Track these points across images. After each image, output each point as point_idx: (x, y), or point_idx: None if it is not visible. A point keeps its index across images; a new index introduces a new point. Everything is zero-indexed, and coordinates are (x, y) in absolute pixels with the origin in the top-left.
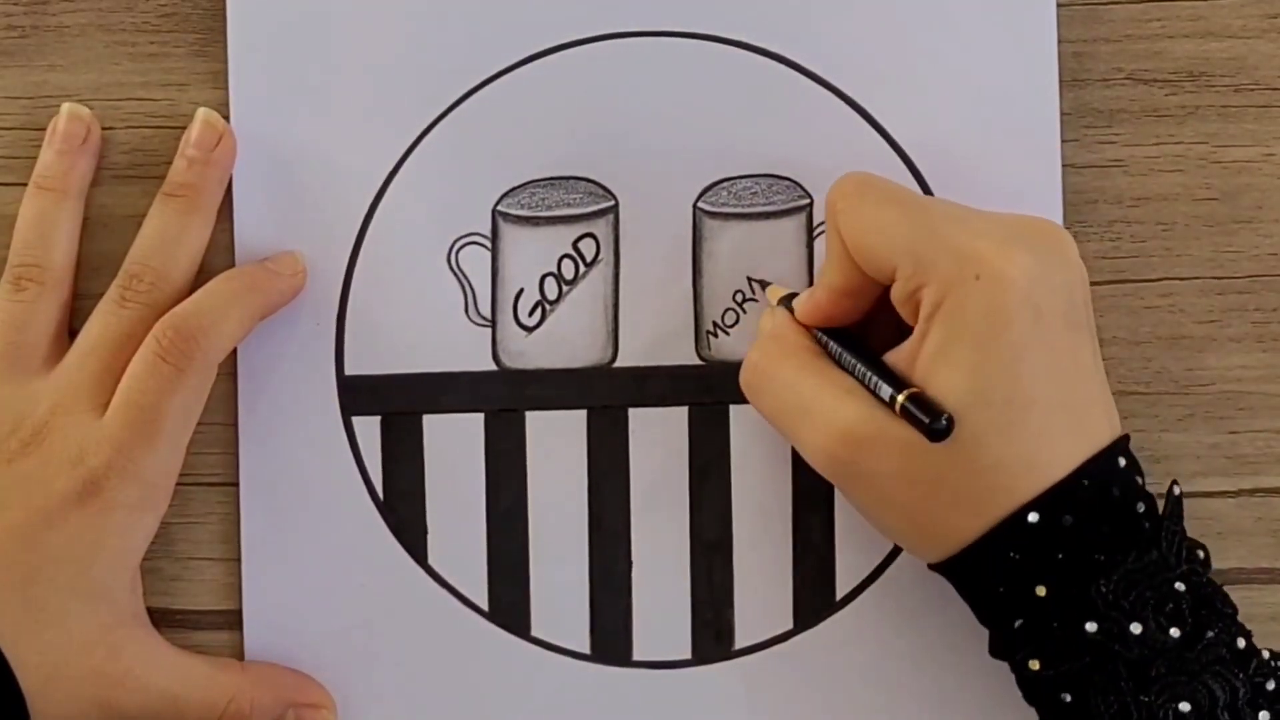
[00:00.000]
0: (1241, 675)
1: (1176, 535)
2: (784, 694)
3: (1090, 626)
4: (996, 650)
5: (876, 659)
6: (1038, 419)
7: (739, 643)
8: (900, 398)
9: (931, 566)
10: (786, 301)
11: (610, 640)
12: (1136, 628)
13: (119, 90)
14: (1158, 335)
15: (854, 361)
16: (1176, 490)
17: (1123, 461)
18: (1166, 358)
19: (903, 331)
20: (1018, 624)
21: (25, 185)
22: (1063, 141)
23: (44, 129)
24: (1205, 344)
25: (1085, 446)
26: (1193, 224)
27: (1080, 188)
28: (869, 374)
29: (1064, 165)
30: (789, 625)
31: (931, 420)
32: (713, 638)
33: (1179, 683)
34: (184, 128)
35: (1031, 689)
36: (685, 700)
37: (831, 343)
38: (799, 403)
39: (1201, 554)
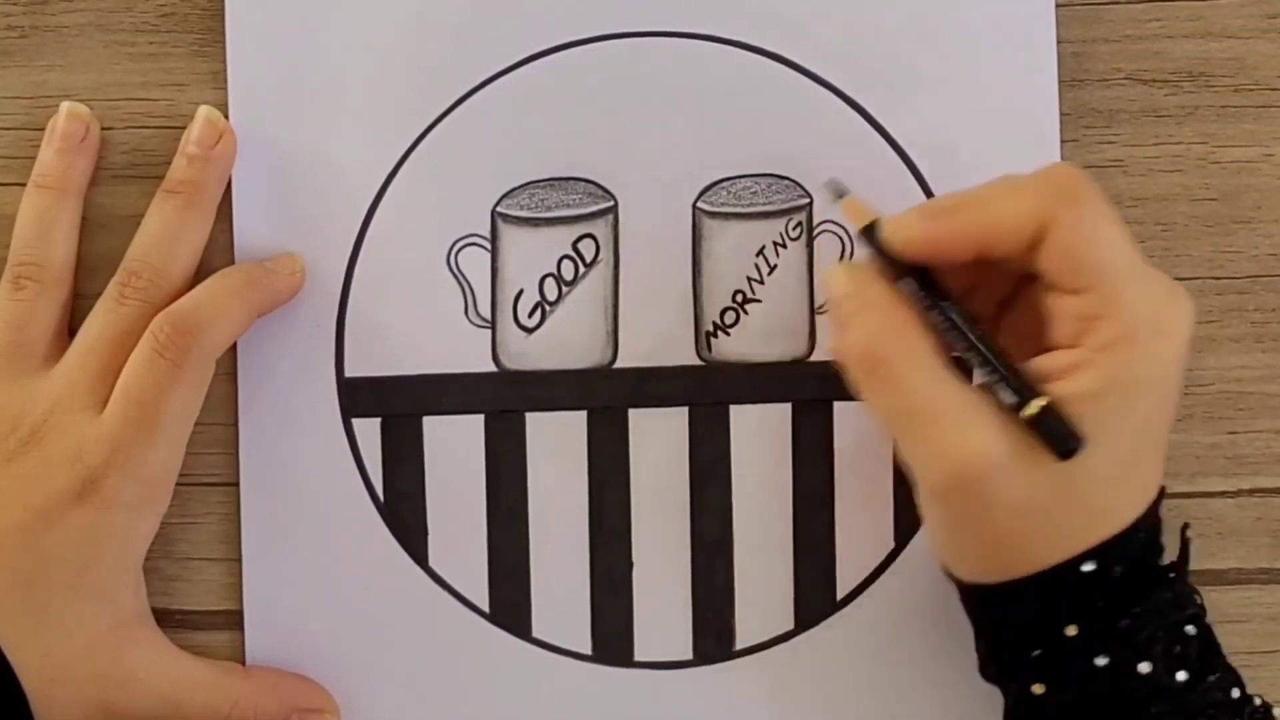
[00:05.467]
0: None
1: (1189, 578)
2: (785, 694)
3: (1100, 661)
4: (990, 673)
5: (876, 659)
6: (1141, 473)
7: (740, 643)
8: (1034, 408)
9: (962, 586)
10: (868, 232)
11: (611, 641)
12: (1145, 667)
13: (118, 90)
14: None
15: (984, 354)
16: (1189, 533)
17: (1161, 510)
18: None
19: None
20: (1035, 654)
21: (25, 185)
22: (1062, 142)
23: (44, 129)
24: (1205, 344)
25: (1149, 498)
26: (1192, 224)
27: None
28: (999, 373)
29: None
30: (790, 625)
31: (1065, 439)
32: (714, 638)
33: None
34: (183, 128)
35: (1026, 713)
36: (686, 701)
37: (954, 318)
38: (922, 407)
39: (1198, 598)
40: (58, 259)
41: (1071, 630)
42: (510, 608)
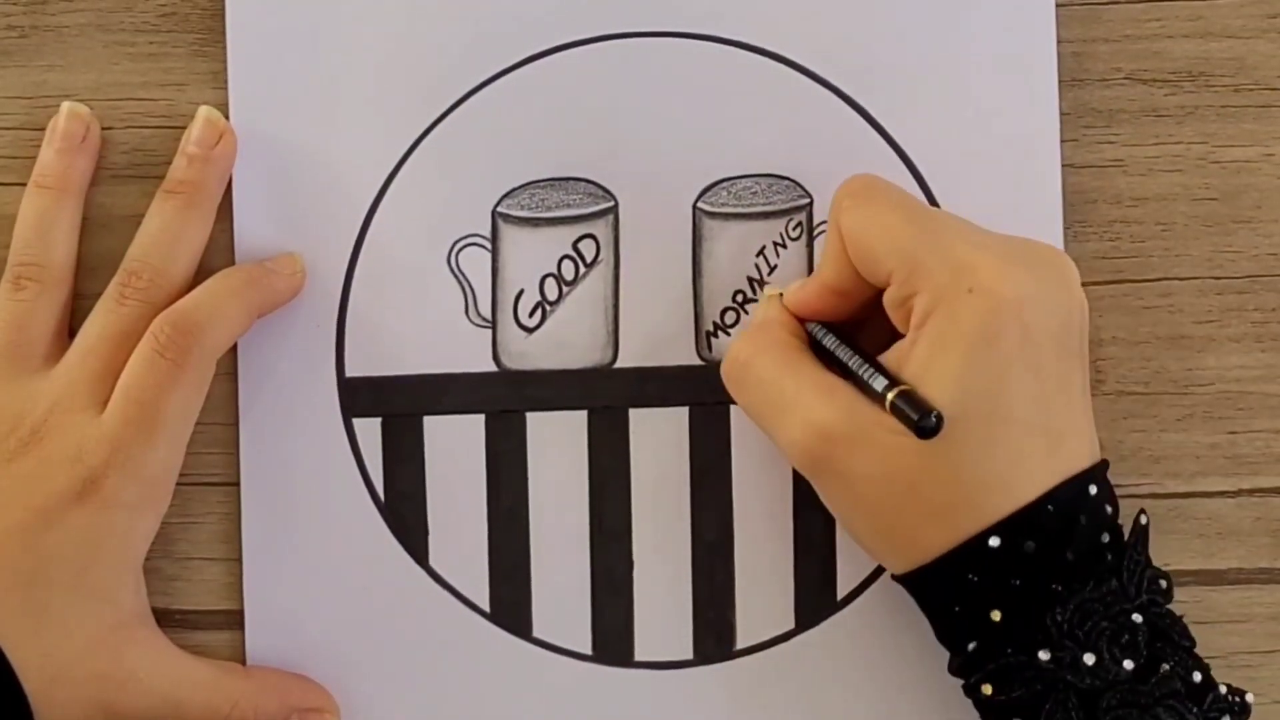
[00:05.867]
0: (1195, 710)
1: (1138, 566)
2: (785, 694)
3: (1043, 655)
4: (954, 669)
5: (877, 659)
6: (1015, 439)
7: (740, 643)
8: (890, 395)
9: (894, 577)
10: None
11: (612, 641)
12: (1090, 658)
13: (118, 90)
14: (1157, 335)
15: (848, 353)
16: (1143, 520)
17: (1094, 489)
18: (1166, 358)
19: (891, 339)
20: (971, 647)
21: (25, 185)
22: (1062, 141)
23: (44, 129)
24: (1204, 344)
25: (1058, 472)
26: (1192, 224)
27: (1079, 188)
28: (863, 366)
29: (1063, 165)
30: (790, 625)
31: (921, 417)
32: (714, 638)
33: (1130, 715)
34: (183, 128)
35: (986, 712)
36: (687, 700)
37: (825, 335)
38: (779, 397)
39: (1164, 584)
40: (58, 259)
41: (996, 615)
42: (510, 608)
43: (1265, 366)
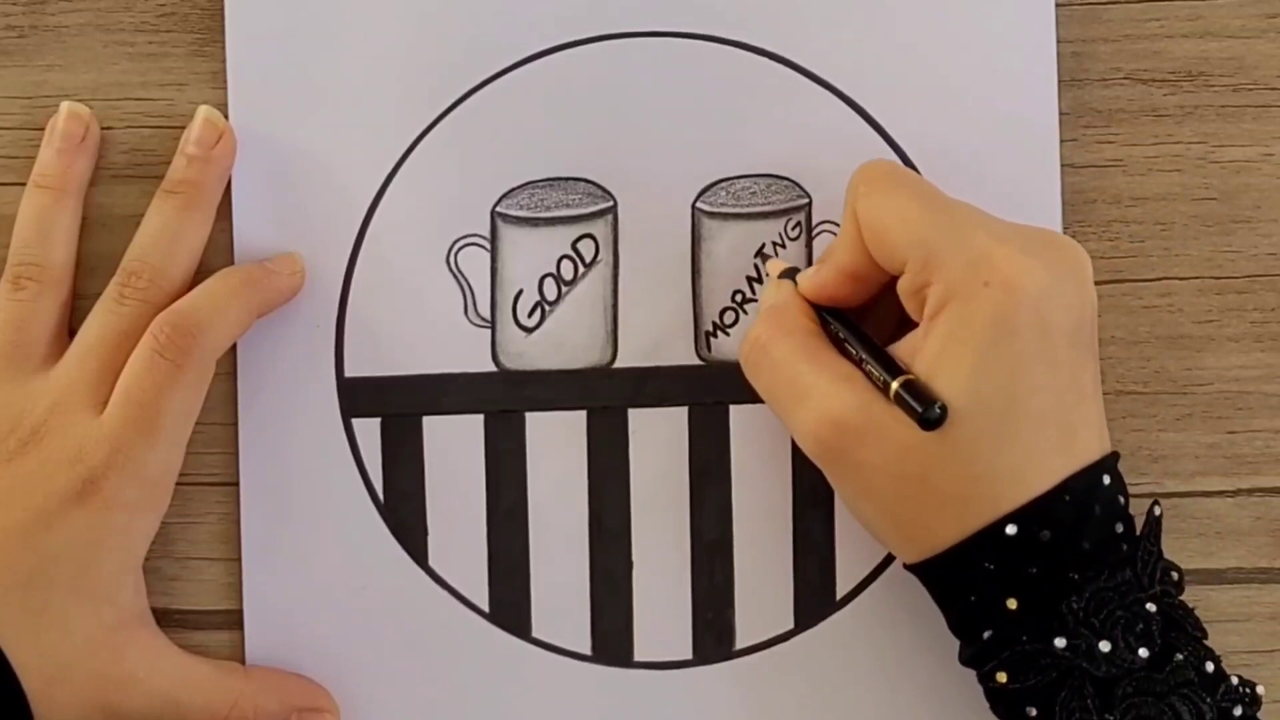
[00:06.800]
0: (1209, 699)
1: (1152, 556)
2: (785, 694)
3: (1059, 642)
4: (966, 660)
5: (876, 659)
6: (1029, 432)
7: (740, 643)
8: (895, 384)
9: (907, 566)
10: (789, 275)
11: (611, 641)
12: (1105, 646)
13: (118, 90)
14: (1156, 335)
15: (855, 345)
16: (1157, 511)
17: (1107, 480)
18: (1165, 357)
19: (903, 325)
20: (987, 635)
21: (25, 185)
22: (1061, 141)
23: (43, 128)
24: (1204, 344)
25: (1072, 464)
26: (1191, 224)
27: (1079, 187)
28: (870, 355)
29: (1062, 165)
30: (790, 625)
31: (925, 409)
32: (713, 638)
33: (1145, 703)
34: (183, 127)
35: (998, 702)
36: (686, 700)
37: (834, 323)
38: (795, 384)
39: (1175, 575)
40: (58, 259)
41: (1012, 604)
42: (510, 608)
43: (1265, 366)
